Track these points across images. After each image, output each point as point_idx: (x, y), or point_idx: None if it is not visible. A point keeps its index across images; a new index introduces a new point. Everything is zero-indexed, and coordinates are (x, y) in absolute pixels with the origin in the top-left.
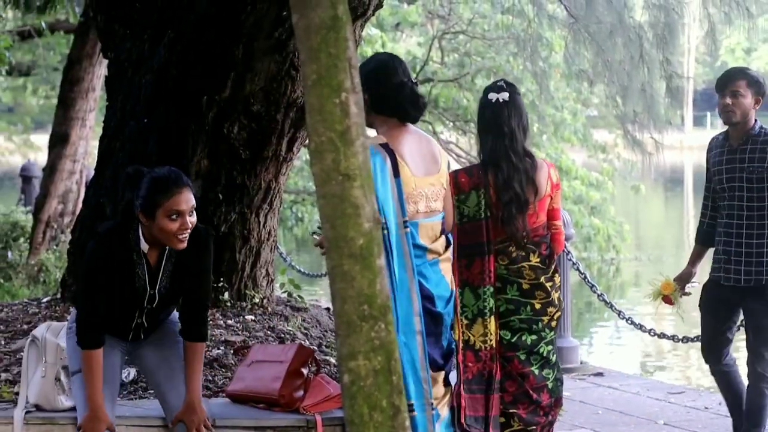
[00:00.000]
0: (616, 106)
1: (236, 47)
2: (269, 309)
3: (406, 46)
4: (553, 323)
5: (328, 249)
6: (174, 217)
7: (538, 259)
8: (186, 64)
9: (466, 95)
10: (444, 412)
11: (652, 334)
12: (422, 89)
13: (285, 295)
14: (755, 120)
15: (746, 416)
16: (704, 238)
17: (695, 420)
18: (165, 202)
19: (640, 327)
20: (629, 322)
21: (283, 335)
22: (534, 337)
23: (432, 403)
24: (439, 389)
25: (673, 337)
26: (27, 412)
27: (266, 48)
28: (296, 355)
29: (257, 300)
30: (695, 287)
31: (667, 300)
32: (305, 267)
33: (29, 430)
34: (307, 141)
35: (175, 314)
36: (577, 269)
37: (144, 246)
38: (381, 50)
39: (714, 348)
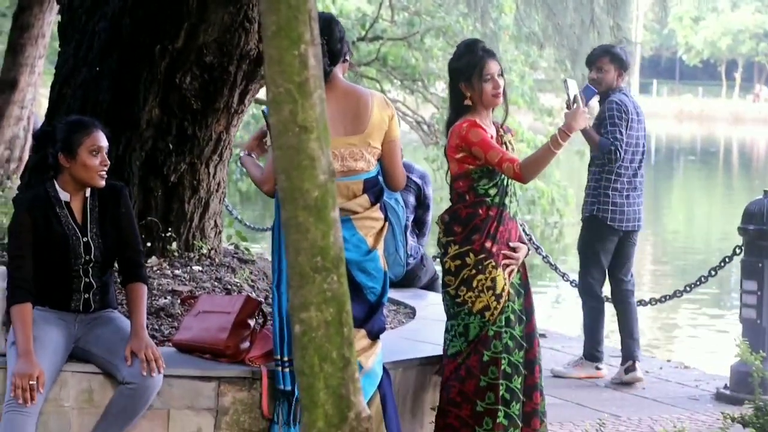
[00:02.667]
0: (565, 70)
1: None
2: (217, 260)
3: (356, 2)
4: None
5: (282, 200)
6: (95, 153)
7: None
8: (140, 12)
9: (415, 54)
10: (367, 363)
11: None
12: (371, 47)
13: (232, 247)
14: (620, 88)
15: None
16: None
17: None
18: (86, 138)
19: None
20: (573, 284)
21: (230, 287)
22: None
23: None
24: (359, 342)
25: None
26: None
27: None
28: (243, 306)
29: (205, 251)
30: None
31: None
32: (250, 220)
33: None
34: (259, 93)
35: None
36: (523, 230)
37: (64, 195)
38: (331, 6)
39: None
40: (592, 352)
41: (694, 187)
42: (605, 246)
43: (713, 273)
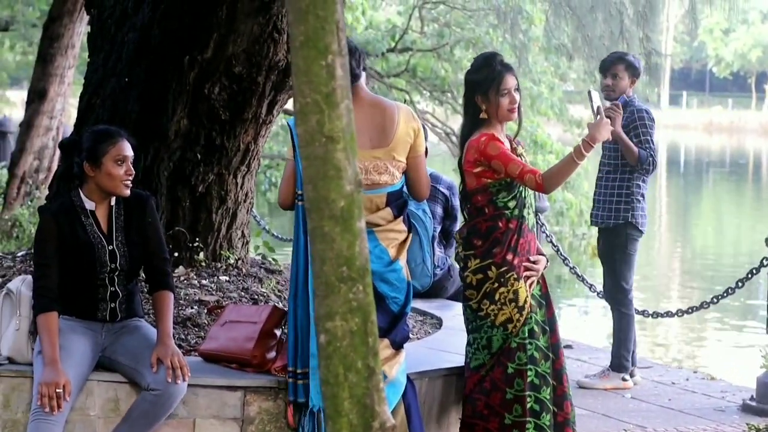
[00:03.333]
0: (594, 81)
1: (220, 8)
2: (244, 270)
3: (386, 14)
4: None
5: (309, 210)
6: (120, 162)
7: None
8: (169, 23)
9: (445, 66)
10: (391, 372)
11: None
12: (401, 58)
13: (259, 257)
14: (632, 95)
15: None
16: None
17: (662, 394)
18: (111, 148)
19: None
20: (599, 296)
21: (256, 297)
22: None
23: (297, 373)
24: (383, 352)
25: (642, 312)
26: (0, 365)
27: (250, 10)
28: (270, 316)
29: (232, 261)
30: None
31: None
32: (278, 231)
33: (2, 382)
34: (287, 104)
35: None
36: (551, 242)
37: (89, 204)
38: (361, 17)
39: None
40: (620, 362)
41: (723, 199)
42: (636, 251)
43: (740, 284)
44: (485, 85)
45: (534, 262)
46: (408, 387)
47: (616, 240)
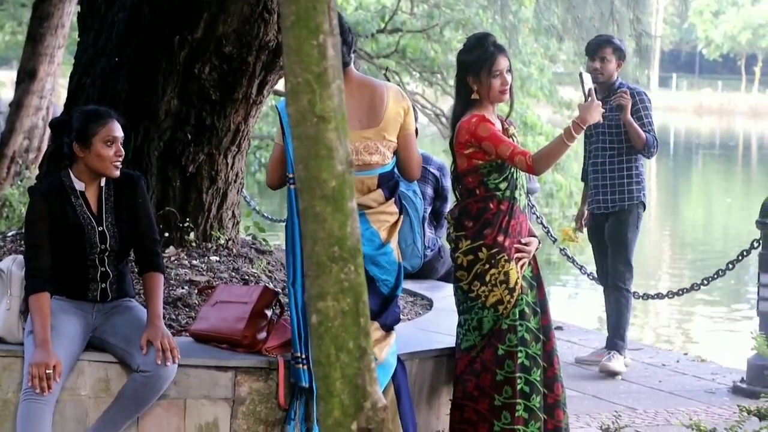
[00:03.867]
0: (584, 63)
1: None
2: (234, 250)
3: None
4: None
5: (300, 190)
6: (110, 143)
7: None
8: (159, 2)
9: (434, 47)
10: (381, 354)
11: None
12: (390, 39)
13: (249, 237)
14: (617, 78)
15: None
16: (585, 177)
17: (652, 376)
18: (101, 129)
19: (601, 282)
20: (590, 277)
21: (247, 277)
22: None
23: (302, 359)
24: (373, 334)
25: (633, 294)
26: None
27: None
28: (261, 296)
29: (222, 241)
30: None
31: (572, 239)
32: (268, 212)
33: None
34: (278, 84)
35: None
36: (541, 223)
37: (79, 185)
38: None
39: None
40: (617, 342)
41: (712, 181)
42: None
43: (731, 266)
44: (477, 65)
45: (525, 244)
46: (398, 368)
47: (629, 219)
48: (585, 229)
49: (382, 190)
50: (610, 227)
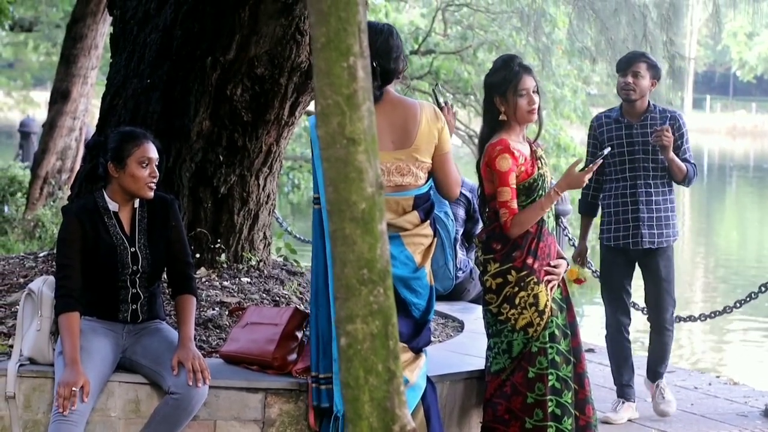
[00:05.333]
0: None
1: (242, 9)
2: (265, 272)
3: (409, 16)
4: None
5: (329, 212)
6: (144, 164)
7: None
8: (191, 24)
9: (468, 68)
10: (412, 377)
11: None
12: (424, 61)
13: (281, 259)
14: (649, 99)
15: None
16: (590, 209)
17: (685, 399)
18: (135, 150)
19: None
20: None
21: (278, 298)
22: None
23: (320, 378)
24: (403, 357)
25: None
26: (21, 365)
27: (272, 11)
28: (291, 318)
29: (254, 262)
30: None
31: (578, 282)
32: (300, 233)
33: (23, 383)
34: (309, 106)
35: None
36: (573, 245)
37: (113, 206)
38: (384, 20)
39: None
40: (661, 372)
41: (746, 203)
42: None
43: (763, 289)
44: (503, 86)
45: (555, 267)
46: (428, 389)
47: (671, 254)
48: (589, 266)
49: (418, 212)
50: (656, 264)
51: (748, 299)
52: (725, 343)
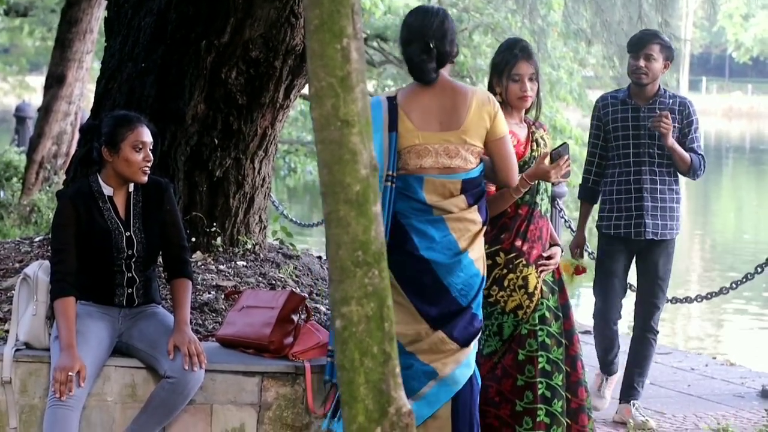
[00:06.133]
0: (613, 66)
1: None
2: (261, 255)
3: None
4: None
5: (324, 194)
6: (138, 148)
7: None
8: (186, 7)
9: (464, 51)
10: (444, 369)
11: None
12: None
13: (277, 242)
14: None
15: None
16: (591, 195)
17: (681, 380)
18: (129, 134)
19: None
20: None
21: (274, 282)
22: None
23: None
24: (438, 345)
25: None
26: (17, 350)
27: None
28: (287, 301)
29: (249, 246)
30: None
31: (578, 272)
32: (297, 216)
33: (19, 367)
34: (304, 89)
35: (170, 315)
36: (569, 227)
37: (107, 190)
38: (380, 2)
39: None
40: (638, 391)
41: (743, 185)
42: None
43: (759, 270)
44: (500, 67)
45: (548, 257)
46: (466, 389)
47: (672, 250)
48: (585, 256)
49: (466, 197)
50: (655, 258)
51: (744, 280)
52: (722, 324)
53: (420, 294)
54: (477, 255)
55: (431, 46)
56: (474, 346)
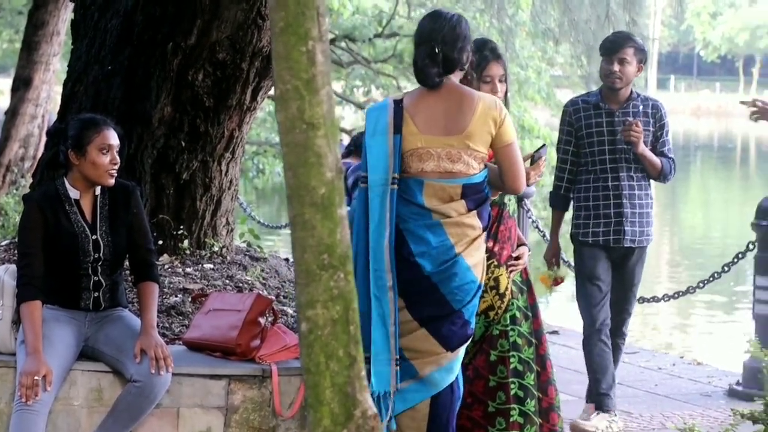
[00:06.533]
0: (581, 66)
1: None
2: (228, 258)
3: (373, 0)
4: None
5: (289, 197)
6: (105, 151)
7: None
8: (152, 9)
9: None
10: (424, 370)
11: None
12: (388, 44)
13: (244, 244)
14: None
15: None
16: (563, 202)
17: (648, 380)
18: (96, 136)
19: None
20: (572, 268)
21: (241, 284)
22: None
23: (397, 359)
24: (421, 343)
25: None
26: None
27: None
28: (254, 304)
29: (216, 249)
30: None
31: (556, 283)
32: (265, 218)
33: None
34: (271, 91)
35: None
36: (537, 227)
37: (74, 193)
38: (348, 2)
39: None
40: (609, 399)
41: (711, 183)
42: None
43: (726, 269)
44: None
45: (517, 258)
46: (446, 393)
47: (645, 257)
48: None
49: (466, 201)
50: (631, 266)
51: (711, 279)
52: (689, 323)
53: (416, 294)
54: (474, 261)
55: (437, 50)
56: (460, 352)
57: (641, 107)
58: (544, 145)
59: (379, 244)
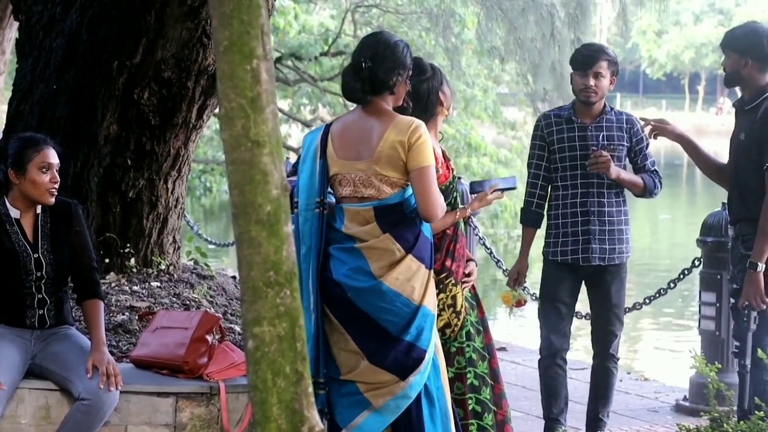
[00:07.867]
0: (527, 83)
1: (148, 13)
2: (175, 276)
3: (319, 18)
4: None
5: (235, 215)
6: (45, 170)
7: None
8: (97, 28)
9: None
10: (377, 401)
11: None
12: (334, 62)
13: (191, 262)
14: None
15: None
16: (534, 219)
17: None
18: (35, 155)
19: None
20: (534, 298)
21: (188, 302)
22: None
23: (320, 383)
24: (373, 377)
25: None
26: None
27: (178, 15)
28: (201, 322)
29: (163, 266)
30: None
31: (519, 304)
32: (212, 236)
33: None
34: (217, 109)
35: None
36: (484, 244)
37: (14, 212)
38: (294, 21)
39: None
40: (604, 422)
41: (657, 200)
42: None
43: (672, 285)
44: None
45: (468, 274)
46: (411, 412)
47: (624, 275)
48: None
49: (378, 224)
50: (607, 285)
51: (657, 295)
52: (636, 339)
53: (353, 323)
54: (399, 284)
55: (363, 65)
56: (415, 378)
57: (615, 121)
58: (513, 176)
59: (306, 267)
